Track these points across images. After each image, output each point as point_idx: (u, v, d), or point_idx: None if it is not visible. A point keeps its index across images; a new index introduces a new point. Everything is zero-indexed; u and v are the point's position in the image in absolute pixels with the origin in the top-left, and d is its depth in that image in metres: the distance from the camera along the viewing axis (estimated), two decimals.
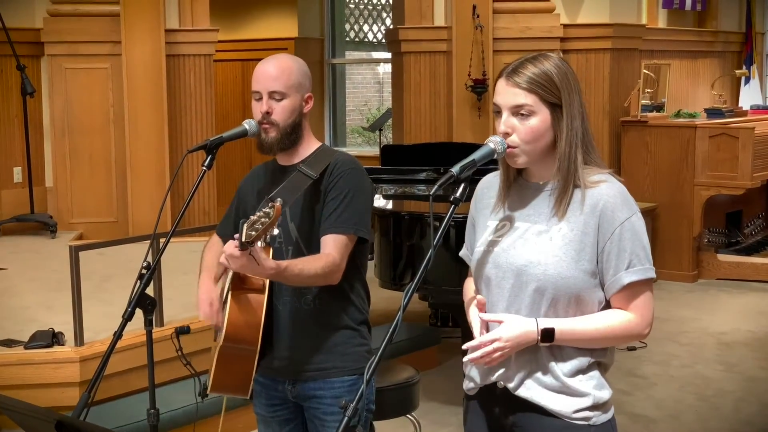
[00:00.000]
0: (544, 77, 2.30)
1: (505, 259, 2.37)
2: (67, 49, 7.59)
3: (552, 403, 2.34)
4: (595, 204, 2.31)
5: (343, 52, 12.01)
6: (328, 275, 2.75)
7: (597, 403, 2.35)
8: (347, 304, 2.91)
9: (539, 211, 2.37)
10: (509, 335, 2.27)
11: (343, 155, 2.93)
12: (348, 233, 2.80)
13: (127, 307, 2.74)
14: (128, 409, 4.51)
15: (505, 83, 2.33)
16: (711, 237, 8.78)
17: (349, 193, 2.82)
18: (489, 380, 2.42)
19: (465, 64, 8.07)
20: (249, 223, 2.39)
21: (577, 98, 2.34)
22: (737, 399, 5.58)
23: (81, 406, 2.58)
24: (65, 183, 7.71)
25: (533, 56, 2.36)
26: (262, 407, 3.02)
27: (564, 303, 2.31)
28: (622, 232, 2.30)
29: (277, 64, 2.88)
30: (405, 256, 5.08)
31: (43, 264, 6.63)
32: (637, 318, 2.33)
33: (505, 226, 2.42)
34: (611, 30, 8.38)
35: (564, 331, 2.29)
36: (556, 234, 2.32)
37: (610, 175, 2.37)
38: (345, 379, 2.88)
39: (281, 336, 2.88)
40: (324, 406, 2.89)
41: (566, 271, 2.29)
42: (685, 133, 8.41)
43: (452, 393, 5.37)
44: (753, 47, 10.50)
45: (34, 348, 4.67)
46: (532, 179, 2.42)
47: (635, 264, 2.31)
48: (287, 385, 2.93)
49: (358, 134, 13.77)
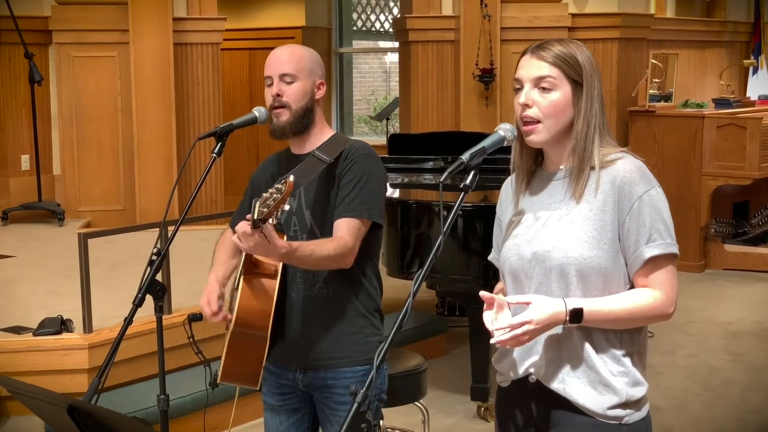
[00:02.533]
0: (569, 55, 2.31)
1: (529, 249, 2.34)
2: (75, 38, 7.60)
3: (583, 399, 2.29)
4: (613, 181, 2.27)
5: (350, 41, 11.99)
6: (340, 257, 2.73)
7: (629, 401, 2.30)
8: (360, 291, 2.89)
9: (557, 197, 2.35)
10: (539, 317, 2.20)
11: (357, 142, 2.92)
12: (361, 217, 2.79)
13: (137, 293, 2.75)
14: (138, 396, 4.53)
15: (530, 57, 2.33)
16: (718, 227, 8.77)
17: (363, 178, 2.82)
18: (519, 374, 2.38)
19: (472, 53, 8.06)
20: (261, 200, 2.37)
21: (597, 83, 2.33)
22: (744, 388, 5.58)
23: (92, 391, 2.59)
24: (73, 171, 7.73)
25: (559, 38, 2.39)
26: (272, 396, 3.00)
27: (591, 285, 2.26)
28: (641, 206, 2.26)
29: (288, 50, 2.90)
30: (413, 244, 5.08)
31: (51, 252, 6.65)
32: (663, 296, 2.27)
33: (527, 218, 2.39)
34: (619, 20, 8.36)
35: (593, 311, 2.23)
36: (577, 216, 2.29)
37: (627, 153, 2.34)
38: (357, 369, 2.86)
39: (293, 324, 2.86)
40: (336, 396, 2.87)
41: (588, 251, 2.25)
42: (692, 123, 8.39)
43: (459, 381, 5.38)
44: (761, 37, 10.46)
45: (43, 335, 4.69)
46: (548, 168, 2.40)
47: (656, 238, 2.26)
48: (298, 373, 2.91)
49: (365, 123, 13.76)
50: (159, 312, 2.85)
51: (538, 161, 2.43)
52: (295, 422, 3.00)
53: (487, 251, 2.61)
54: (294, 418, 3.00)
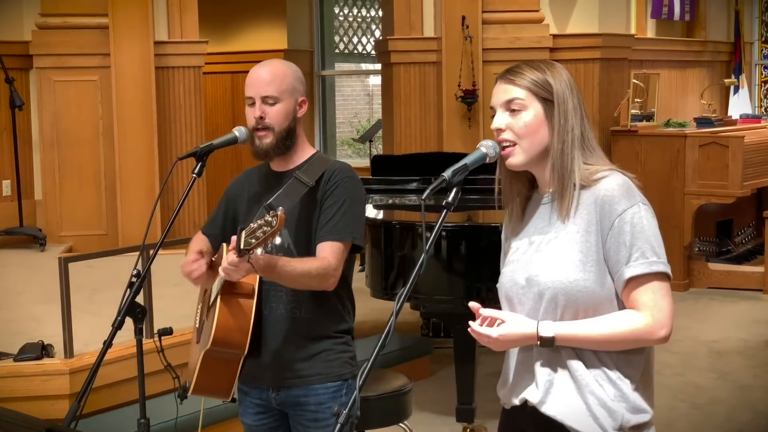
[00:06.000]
0: (537, 75, 2.29)
1: (522, 275, 2.32)
2: (55, 62, 7.57)
3: (578, 425, 2.25)
4: (595, 200, 2.25)
5: (332, 63, 12.00)
6: (323, 278, 2.74)
7: (625, 426, 2.25)
8: (333, 314, 2.91)
9: (547, 220, 2.33)
10: (506, 332, 2.23)
11: (338, 163, 2.92)
12: (345, 240, 2.81)
13: (117, 316, 2.72)
14: (118, 422, 4.48)
15: (500, 83, 2.33)
16: (702, 246, 8.79)
17: (347, 201, 2.82)
18: (516, 402, 2.36)
19: (455, 74, 8.08)
20: (249, 230, 2.40)
21: (573, 100, 2.30)
22: (730, 407, 5.57)
23: (71, 415, 2.55)
24: (54, 196, 7.67)
25: (532, 60, 2.38)
26: (249, 416, 3.02)
27: (580, 308, 2.23)
28: (621, 224, 2.22)
29: (270, 69, 2.88)
30: (396, 265, 5.05)
31: (32, 277, 6.59)
32: (647, 319, 2.20)
33: (523, 244, 2.37)
34: (600, 40, 8.39)
35: (566, 336, 2.21)
36: (564, 238, 2.27)
37: (614, 170, 2.30)
38: (329, 386, 2.88)
39: (266, 342, 2.87)
40: (308, 413, 2.88)
41: (574, 274, 2.22)
42: (675, 142, 8.42)
43: (444, 403, 5.35)
44: (742, 57, 10.53)
45: (24, 360, 4.64)
46: (539, 192, 2.38)
47: (637, 257, 2.20)
48: (271, 392, 2.92)
49: (348, 146, 13.77)
50: (139, 335, 2.83)
51: (535, 186, 2.41)
52: None
53: (471, 272, 2.60)
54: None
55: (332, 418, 2.79)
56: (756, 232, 9.47)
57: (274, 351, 2.86)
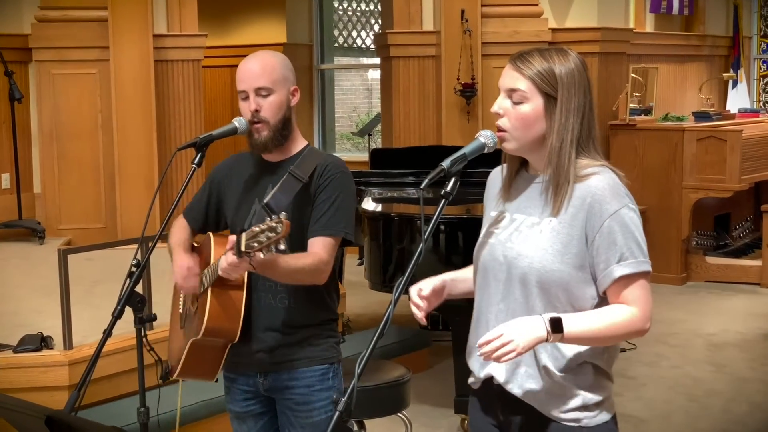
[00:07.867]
0: (546, 68, 2.29)
1: (501, 251, 2.36)
2: (55, 55, 7.57)
3: (540, 403, 2.32)
4: (584, 197, 2.27)
5: (332, 57, 12.00)
6: (316, 273, 2.78)
7: (588, 403, 2.33)
8: (320, 304, 2.94)
9: (533, 203, 2.36)
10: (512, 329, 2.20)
11: (331, 157, 2.95)
12: (337, 236, 2.85)
13: (117, 305, 2.73)
14: (118, 412, 4.49)
15: (509, 67, 2.34)
16: (699, 240, 8.80)
17: (339, 197, 2.85)
18: (482, 376, 2.41)
19: (454, 68, 8.08)
20: (250, 233, 2.41)
21: (579, 97, 2.29)
22: (727, 399, 5.59)
23: (71, 403, 2.57)
24: (53, 189, 7.68)
25: (546, 48, 2.36)
26: (236, 403, 3.04)
27: (552, 296, 2.27)
28: (612, 225, 2.25)
29: (259, 60, 2.88)
30: (395, 258, 5.07)
31: (32, 270, 6.60)
32: (639, 312, 2.29)
33: (504, 217, 2.40)
34: (599, 34, 8.41)
35: (572, 331, 2.22)
36: (546, 226, 2.30)
37: (605, 167, 2.32)
38: (316, 369, 2.92)
39: (254, 330, 2.89)
40: (296, 396, 2.92)
41: (551, 264, 2.27)
42: (673, 136, 8.43)
43: (443, 396, 5.36)
44: (740, 51, 10.55)
45: (23, 352, 4.65)
46: (530, 171, 2.41)
47: (627, 257, 2.26)
48: (259, 378, 2.95)
49: (347, 139, 13.78)
50: (139, 324, 2.84)
51: (525, 162, 2.43)
52: (262, 427, 3.04)
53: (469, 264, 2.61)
54: (260, 423, 3.04)
55: (320, 401, 2.85)
56: (754, 226, 9.49)
57: (262, 338, 2.89)
